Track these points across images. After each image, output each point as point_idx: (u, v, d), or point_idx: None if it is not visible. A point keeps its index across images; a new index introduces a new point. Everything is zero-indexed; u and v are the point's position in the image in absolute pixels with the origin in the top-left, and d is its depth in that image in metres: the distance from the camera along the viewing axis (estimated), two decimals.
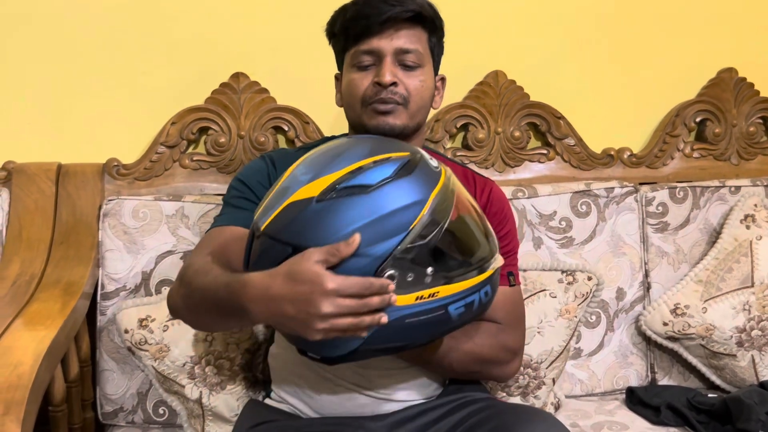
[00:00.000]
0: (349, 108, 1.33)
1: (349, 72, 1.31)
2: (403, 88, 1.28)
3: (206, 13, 1.75)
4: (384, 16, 1.25)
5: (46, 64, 1.71)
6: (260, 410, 1.33)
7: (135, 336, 1.48)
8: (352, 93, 1.30)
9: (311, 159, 1.08)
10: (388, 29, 1.26)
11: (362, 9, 1.27)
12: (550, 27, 1.92)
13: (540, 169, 1.88)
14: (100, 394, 1.60)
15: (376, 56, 1.28)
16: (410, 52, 1.28)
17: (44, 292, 1.48)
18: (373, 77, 1.27)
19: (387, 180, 1.01)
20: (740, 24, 2.00)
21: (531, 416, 1.18)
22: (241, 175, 1.35)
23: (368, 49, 1.27)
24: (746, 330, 1.71)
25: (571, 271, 1.65)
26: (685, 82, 1.98)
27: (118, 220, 1.60)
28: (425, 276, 1.01)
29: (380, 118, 1.27)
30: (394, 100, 1.27)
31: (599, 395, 1.76)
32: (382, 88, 1.27)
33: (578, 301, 1.63)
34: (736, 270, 1.74)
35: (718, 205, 1.84)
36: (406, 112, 1.29)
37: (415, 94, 1.29)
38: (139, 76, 1.74)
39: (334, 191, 1.00)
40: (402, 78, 1.28)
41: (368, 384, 1.27)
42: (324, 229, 0.98)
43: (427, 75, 1.32)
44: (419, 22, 1.29)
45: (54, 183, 1.65)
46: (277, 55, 1.78)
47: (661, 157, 1.93)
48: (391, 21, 1.26)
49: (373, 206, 0.99)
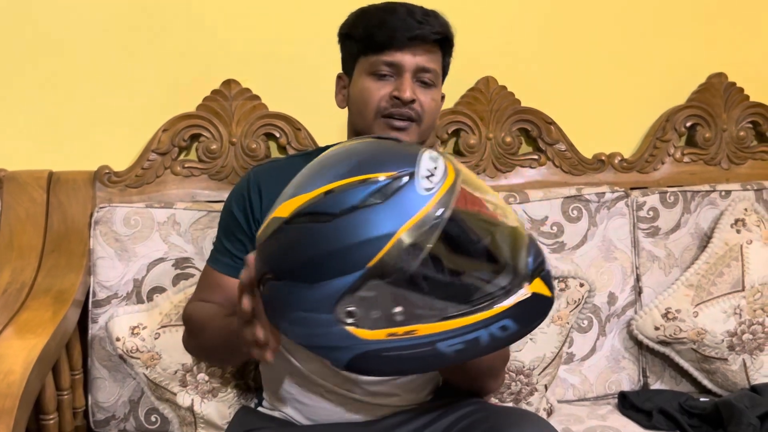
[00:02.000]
0: (357, 114, 1.31)
1: (363, 78, 1.29)
2: (418, 105, 1.28)
3: (197, 21, 1.75)
4: (412, 33, 1.25)
5: (37, 71, 1.71)
6: (251, 418, 1.33)
7: (126, 344, 1.47)
8: (365, 101, 1.28)
9: (306, 168, 1.01)
10: (413, 46, 1.26)
11: (390, 20, 1.26)
12: (541, 33, 1.93)
13: (531, 174, 1.89)
14: (92, 402, 1.59)
15: (396, 69, 1.27)
16: (429, 71, 1.29)
17: (35, 300, 1.47)
18: (392, 90, 1.27)
19: (352, 208, 0.90)
20: (730, 29, 2.02)
21: (521, 418, 1.19)
22: (228, 201, 1.37)
23: (390, 61, 1.26)
24: (737, 334, 1.72)
25: (564, 277, 1.65)
26: (675, 87, 1.99)
27: (110, 227, 1.60)
28: (393, 315, 0.91)
29: (393, 134, 1.27)
30: (410, 116, 1.27)
31: (591, 400, 1.77)
32: (400, 102, 1.26)
33: (570, 308, 1.63)
34: (726, 274, 1.75)
35: (709, 210, 1.85)
36: (418, 130, 1.29)
37: (428, 112, 1.29)
38: (130, 84, 1.74)
39: (300, 215, 0.93)
40: (418, 95, 1.28)
41: (360, 390, 1.27)
42: (287, 255, 0.93)
43: (438, 94, 1.33)
44: (439, 43, 1.30)
45: (45, 191, 1.64)
46: (268, 62, 1.79)
47: (651, 161, 1.94)
48: (418, 39, 1.26)
49: (332, 238, 0.90)
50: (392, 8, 1.28)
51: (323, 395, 1.27)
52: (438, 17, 1.29)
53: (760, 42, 2.04)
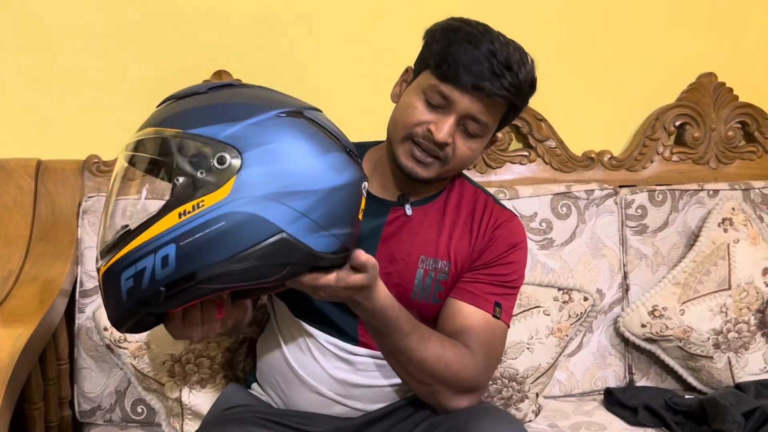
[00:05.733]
0: (393, 123, 1.24)
1: (416, 94, 1.21)
2: (451, 150, 1.20)
3: (189, 10, 1.74)
4: (480, 82, 1.15)
5: (26, 60, 1.69)
6: (239, 394, 1.34)
7: (114, 334, 1.47)
8: (405, 117, 1.21)
9: None
10: (475, 93, 1.17)
11: (466, 56, 1.16)
12: (532, 31, 1.92)
13: (521, 171, 1.89)
14: (78, 392, 1.59)
15: (448, 104, 1.18)
16: (478, 123, 1.20)
17: (22, 288, 1.47)
18: (431, 122, 1.19)
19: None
20: (720, 29, 2.03)
21: (485, 414, 1.18)
22: None
23: (446, 95, 1.17)
24: (723, 332, 1.73)
25: (568, 289, 1.65)
26: (665, 86, 2.00)
27: (98, 217, 1.59)
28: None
29: (411, 162, 1.21)
30: (437, 155, 1.20)
31: (578, 396, 1.77)
32: (432, 138, 1.19)
33: (571, 321, 1.63)
34: (713, 273, 1.76)
35: (697, 209, 1.86)
36: (440, 169, 1.22)
37: (459, 159, 1.22)
38: (120, 73, 1.73)
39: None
40: (456, 140, 1.20)
41: (346, 393, 1.28)
42: None
43: (480, 144, 1.23)
44: (507, 100, 1.20)
45: (33, 179, 1.63)
46: (260, 53, 1.78)
47: (640, 160, 1.95)
48: (482, 92, 1.16)
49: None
50: (479, 42, 1.17)
51: (307, 393, 1.28)
52: (519, 74, 1.17)
53: (750, 42, 2.05)
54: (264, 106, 1.01)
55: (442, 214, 1.30)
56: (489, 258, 1.28)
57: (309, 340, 1.27)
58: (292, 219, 0.97)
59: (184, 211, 0.95)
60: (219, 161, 0.96)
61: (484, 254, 1.29)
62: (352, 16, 1.82)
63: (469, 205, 1.32)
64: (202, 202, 0.95)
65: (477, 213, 1.31)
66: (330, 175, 1.00)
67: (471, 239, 1.29)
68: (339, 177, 1.01)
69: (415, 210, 1.29)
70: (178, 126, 0.99)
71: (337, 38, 1.82)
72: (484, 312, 1.24)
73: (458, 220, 1.30)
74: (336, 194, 1.00)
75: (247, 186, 0.96)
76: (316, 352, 1.26)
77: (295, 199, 0.97)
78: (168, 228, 0.95)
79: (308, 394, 1.28)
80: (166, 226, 0.95)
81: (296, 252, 0.98)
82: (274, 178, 0.97)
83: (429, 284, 1.27)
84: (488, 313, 1.25)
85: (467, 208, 1.32)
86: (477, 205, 1.32)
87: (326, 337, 1.26)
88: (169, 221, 0.95)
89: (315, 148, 1.00)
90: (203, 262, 0.95)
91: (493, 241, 1.29)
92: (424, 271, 1.27)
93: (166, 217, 0.96)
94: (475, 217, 1.31)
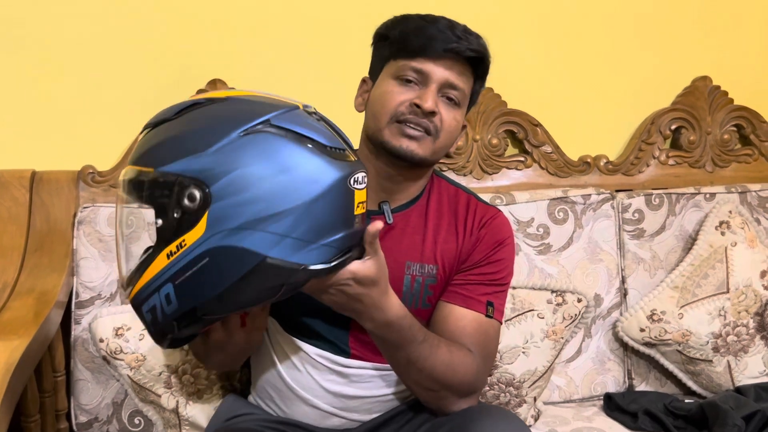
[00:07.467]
0: (372, 117, 1.25)
1: (387, 81, 1.24)
2: (438, 120, 1.22)
3: (183, 20, 1.74)
4: (448, 45, 1.20)
5: (20, 70, 1.69)
6: (240, 404, 1.34)
7: (110, 345, 1.46)
8: (384, 103, 1.22)
9: None
10: (447, 59, 1.21)
11: (428, 28, 1.22)
12: (528, 36, 1.93)
13: (517, 176, 1.89)
14: (75, 404, 1.58)
15: (423, 78, 1.21)
16: (457, 89, 1.23)
17: (17, 300, 1.46)
18: (414, 97, 1.20)
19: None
20: (715, 33, 2.03)
21: (485, 414, 1.18)
22: None
23: (419, 68, 1.21)
24: (722, 335, 1.73)
25: (561, 291, 1.64)
26: (661, 90, 2.00)
27: (93, 227, 1.58)
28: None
29: (404, 141, 1.20)
30: (427, 127, 1.21)
31: (577, 401, 1.77)
32: (419, 111, 1.20)
33: (566, 323, 1.63)
34: (711, 276, 1.76)
35: (694, 212, 1.86)
36: (432, 145, 1.22)
37: (447, 131, 1.23)
38: (114, 83, 1.72)
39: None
40: (441, 109, 1.22)
41: (343, 405, 1.27)
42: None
43: (460, 116, 1.26)
44: (474, 65, 1.25)
45: (28, 190, 1.63)
46: (254, 62, 1.78)
47: (636, 164, 1.95)
48: (452, 53, 1.21)
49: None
50: (434, 18, 1.23)
51: (303, 406, 1.28)
52: (479, 38, 1.25)
53: (745, 46, 2.06)
54: (227, 126, 0.98)
55: (425, 218, 1.30)
56: (477, 258, 1.28)
57: (302, 355, 1.26)
58: (272, 243, 0.95)
59: (170, 252, 0.97)
60: (189, 199, 0.96)
61: (471, 255, 1.29)
62: (347, 25, 1.82)
63: (451, 205, 1.32)
64: (183, 242, 0.96)
65: (460, 213, 1.31)
66: (305, 187, 0.97)
67: (457, 241, 1.29)
68: (316, 186, 0.98)
69: (396, 216, 1.28)
70: (151, 164, 0.99)
71: (331, 47, 1.81)
72: (476, 313, 1.24)
73: (442, 222, 1.30)
74: (316, 205, 0.97)
75: (221, 219, 0.95)
76: (310, 367, 1.26)
77: (271, 222, 0.95)
78: (162, 269, 0.98)
79: (305, 408, 1.27)
80: (159, 267, 0.98)
81: (286, 272, 0.97)
82: (245, 207, 0.95)
83: (418, 290, 1.27)
84: (481, 314, 1.25)
85: (449, 209, 1.32)
86: (459, 205, 1.32)
87: (318, 351, 1.25)
88: (161, 262, 0.98)
89: (282, 165, 0.97)
90: (200, 298, 0.97)
91: (479, 241, 1.29)
92: (411, 277, 1.27)
93: (157, 258, 0.98)
94: (459, 218, 1.31)
